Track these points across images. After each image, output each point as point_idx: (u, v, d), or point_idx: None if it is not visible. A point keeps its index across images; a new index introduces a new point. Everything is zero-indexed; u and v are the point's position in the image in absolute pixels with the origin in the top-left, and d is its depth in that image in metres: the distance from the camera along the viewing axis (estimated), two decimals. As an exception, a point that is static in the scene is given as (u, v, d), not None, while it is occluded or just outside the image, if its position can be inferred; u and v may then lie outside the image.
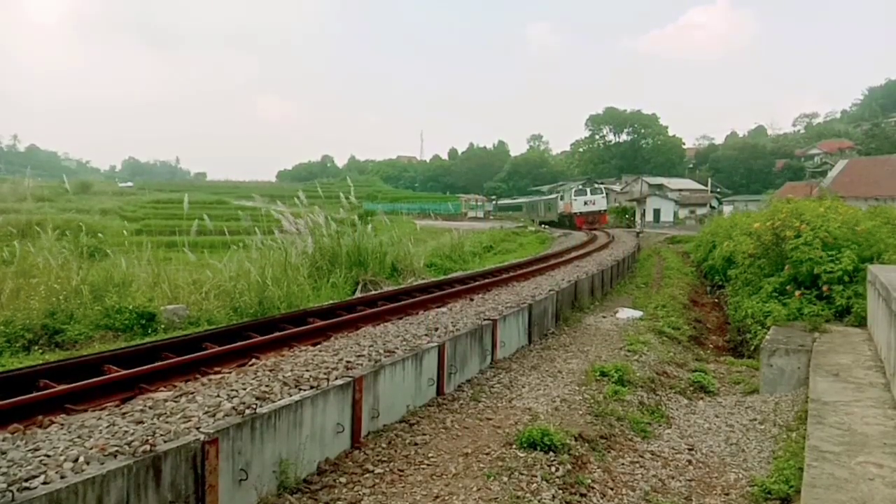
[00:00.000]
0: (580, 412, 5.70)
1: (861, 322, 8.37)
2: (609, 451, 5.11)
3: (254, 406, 3.90)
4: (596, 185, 46.40)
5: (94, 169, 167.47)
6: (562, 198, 50.10)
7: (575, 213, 43.32)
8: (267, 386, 4.45)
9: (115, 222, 35.57)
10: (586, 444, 4.99)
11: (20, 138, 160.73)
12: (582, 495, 4.26)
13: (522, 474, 4.24)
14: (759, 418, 6.14)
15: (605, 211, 44.56)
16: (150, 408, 3.97)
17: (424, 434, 4.92)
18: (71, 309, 9.16)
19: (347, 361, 5.19)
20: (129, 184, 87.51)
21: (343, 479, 4.08)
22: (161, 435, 3.37)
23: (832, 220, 10.18)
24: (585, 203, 43.29)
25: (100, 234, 16.90)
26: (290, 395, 4.21)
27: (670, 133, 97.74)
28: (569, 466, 4.50)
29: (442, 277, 14.16)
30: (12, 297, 9.50)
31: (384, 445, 4.63)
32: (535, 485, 4.13)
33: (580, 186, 46.25)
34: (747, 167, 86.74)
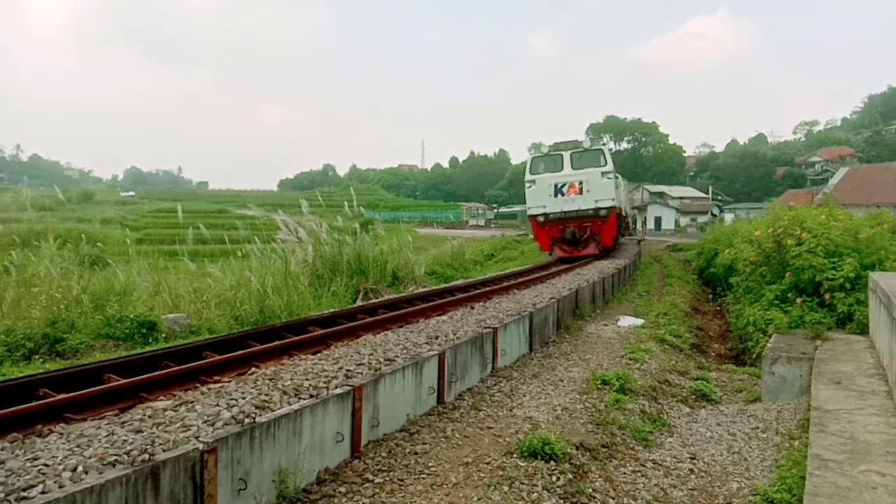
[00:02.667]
0: (581, 421, 5.67)
1: (863, 330, 8.34)
2: (610, 460, 5.08)
3: (253, 415, 3.89)
4: (588, 149, 19.60)
5: (96, 178, 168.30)
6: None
7: (536, 217, 19.49)
8: (266, 395, 4.43)
9: (116, 231, 35.68)
10: (587, 453, 4.96)
11: (23, 148, 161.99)
12: (583, 504, 4.23)
13: (523, 483, 4.21)
14: (762, 426, 6.11)
15: (608, 210, 19.10)
16: (149, 417, 3.96)
17: (425, 443, 4.90)
18: (72, 318, 9.17)
19: (347, 370, 5.18)
20: (131, 193, 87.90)
21: (343, 489, 4.06)
22: (160, 444, 3.35)
23: (833, 228, 10.17)
24: (560, 191, 18.99)
25: (99, 245, 16.93)
26: (290, 404, 4.20)
27: (671, 141, 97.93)
28: (570, 475, 4.48)
29: (443, 285, 14.16)
30: (13, 306, 9.51)
31: (384, 454, 4.61)
32: (535, 494, 4.10)
33: (548, 153, 19.65)
34: (748, 175, 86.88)
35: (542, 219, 19.13)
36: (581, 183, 18.65)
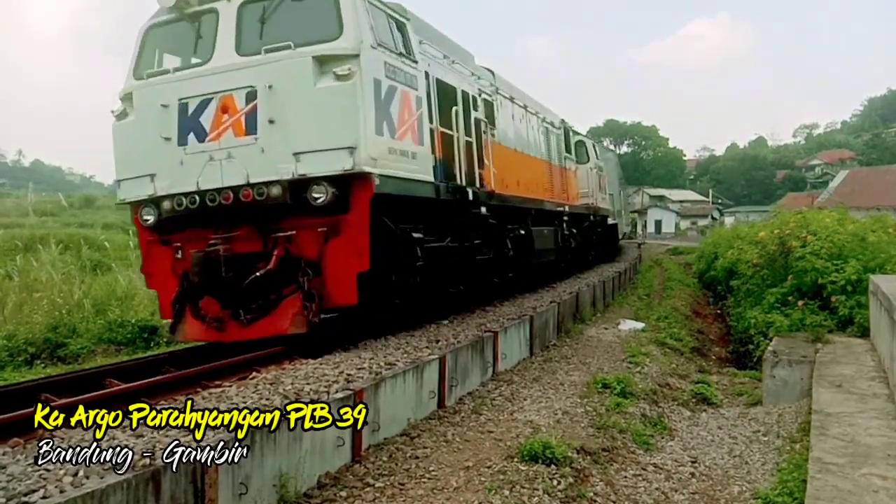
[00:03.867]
0: (582, 424, 5.67)
1: (864, 332, 8.33)
2: (611, 464, 5.08)
3: (254, 419, 3.89)
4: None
5: (97, 183, 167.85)
6: None
7: (140, 214, 6.57)
8: (267, 399, 4.44)
9: (118, 236, 35.65)
10: (588, 457, 4.96)
11: (25, 153, 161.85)
12: (584, 508, 4.23)
13: (524, 488, 4.21)
14: (763, 430, 6.10)
15: (335, 187, 5.67)
16: (150, 421, 3.96)
17: (425, 447, 4.90)
18: (73, 323, 9.18)
19: (348, 374, 5.18)
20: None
21: (343, 493, 4.06)
22: (161, 448, 3.36)
23: (838, 232, 10.17)
24: (195, 123, 5.90)
25: (106, 244, 16.92)
26: (291, 409, 4.19)
27: (671, 144, 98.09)
28: (571, 479, 4.47)
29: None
30: (15, 311, 9.53)
31: (385, 459, 4.61)
32: (536, 498, 4.10)
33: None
34: (748, 178, 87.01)
35: (148, 217, 6.64)
36: (253, 94, 5.92)
